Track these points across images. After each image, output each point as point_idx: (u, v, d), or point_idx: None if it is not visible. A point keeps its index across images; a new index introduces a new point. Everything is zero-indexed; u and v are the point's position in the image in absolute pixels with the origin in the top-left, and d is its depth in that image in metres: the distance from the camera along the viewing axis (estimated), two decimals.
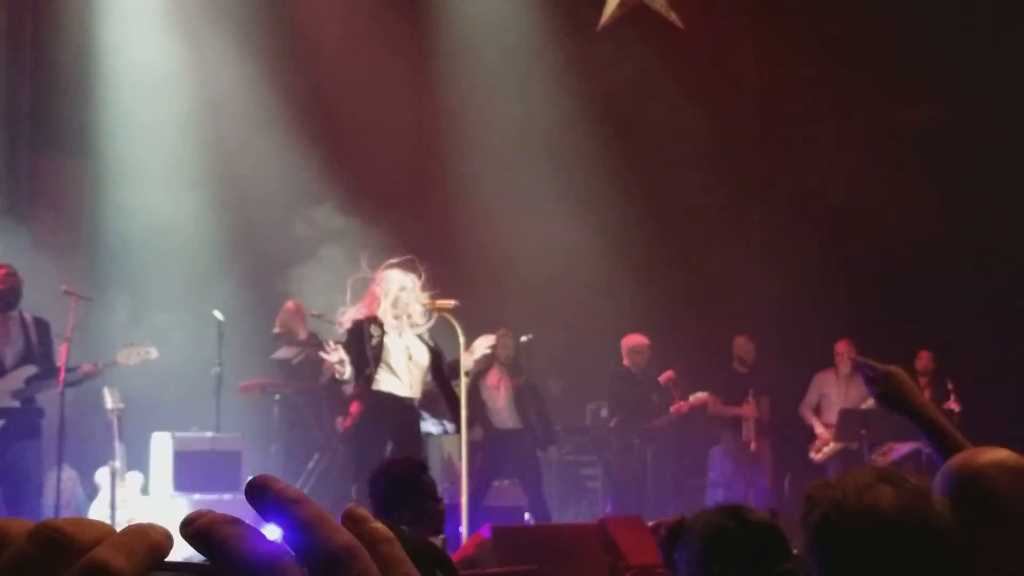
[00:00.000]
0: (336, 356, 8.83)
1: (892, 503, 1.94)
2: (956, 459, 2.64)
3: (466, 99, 14.02)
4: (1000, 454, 2.60)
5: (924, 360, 12.71)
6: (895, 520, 1.93)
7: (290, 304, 12.00)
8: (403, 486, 5.34)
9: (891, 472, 2.06)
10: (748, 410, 12.84)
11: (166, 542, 0.69)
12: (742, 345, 13.14)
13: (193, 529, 0.70)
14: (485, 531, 7.92)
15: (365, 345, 8.93)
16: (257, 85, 12.97)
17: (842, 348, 12.85)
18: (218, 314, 11.27)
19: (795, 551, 2.93)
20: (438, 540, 8.80)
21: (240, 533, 0.69)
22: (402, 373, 9.04)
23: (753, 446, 12.81)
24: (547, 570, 6.97)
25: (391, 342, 9.01)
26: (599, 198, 13.83)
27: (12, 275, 9.38)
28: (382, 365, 8.99)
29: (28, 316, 9.47)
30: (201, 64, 12.90)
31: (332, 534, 0.70)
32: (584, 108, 13.89)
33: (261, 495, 0.71)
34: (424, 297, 9.09)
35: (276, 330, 11.93)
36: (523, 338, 11.42)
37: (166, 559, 0.69)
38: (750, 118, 14.77)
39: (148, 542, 0.67)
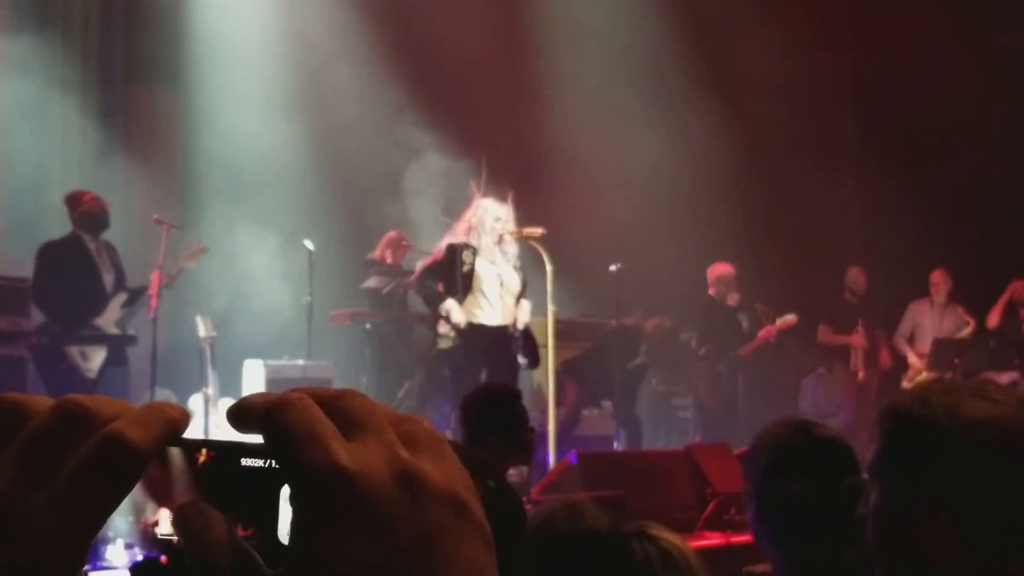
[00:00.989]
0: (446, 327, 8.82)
1: (987, 416, 1.78)
2: None
3: (554, 21, 13.87)
4: None
5: (1020, 289, 12.46)
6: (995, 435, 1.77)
7: (393, 234, 12.02)
8: (496, 413, 5.30)
9: (981, 384, 1.88)
10: (857, 339, 12.66)
11: (183, 418, 0.69)
12: (855, 276, 12.96)
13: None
14: (572, 457, 7.90)
15: (457, 271, 8.92)
16: (346, 12, 12.93)
17: (937, 278, 12.63)
18: (309, 243, 11.31)
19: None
20: (524, 470, 8.87)
21: None
22: (494, 300, 9.05)
23: (861, 375, 12.64)
24: (633, 496, 6.94)
25: (483, 269, 9.00)
26: (691, 126, 13.64)
27: (98, 199, 9.52)
28: (475, 293, 8.93)
29: (103, 241, 9.62)
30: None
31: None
32: (676, 32, 13.67)
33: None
34: (512, 225, 9.03)
35: (372, 255, 11.94)
36: (612, 267, 11.34)
37: (183, 435, 0.69)
38: (845, 49, 14.44)
39: (165, 417, 0.68)
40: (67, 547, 0.65)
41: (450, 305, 8.95)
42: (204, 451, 0.71)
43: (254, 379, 10.87)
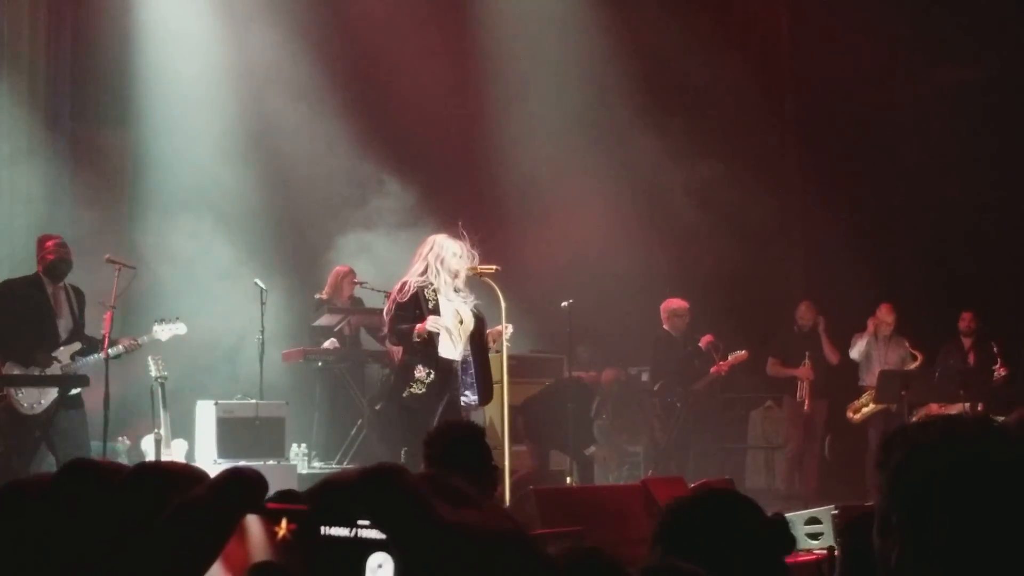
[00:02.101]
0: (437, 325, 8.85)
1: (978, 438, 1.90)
2: None
3: (508, 65, 13.95)
4: None
5: (967, 321, 12.63)
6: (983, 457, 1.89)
7: (342, 268, 12.03)
8: (461, 450, 5.28)
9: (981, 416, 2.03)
10: (804, 372, 12.78)
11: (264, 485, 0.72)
12: (804, 311, 13.06)
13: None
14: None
15: (423, 308, 8.89)
16: (296, 54, 12.97)
17: (883, 313, 12.76)
18: (260, 282, 11.30)
19: None
20: None
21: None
22: (454, 337, 9.02)
23: (807, 407, 12.72)
24: (590, 531, 6.92)
25: (443, 306, 8.99)
26: (640, 164, 13.77)
27: (63, 245, 9.44)
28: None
29: (69, 286, 9.53)
30: (237, 34, 12.88)
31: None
32: (624, 73, 13.78)
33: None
34: (467, 262, 9.07)
35: (323, 295, 11.94)
36: (564, 303, 11.30)
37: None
38: (787, 81, 14.60)
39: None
40: None
41: (432, 321, 8.90)
42: (284, 521, 0.71)
43: (206, 419, 10.82)
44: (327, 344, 11.67)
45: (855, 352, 12.85)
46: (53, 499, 0.69)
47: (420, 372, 8.99)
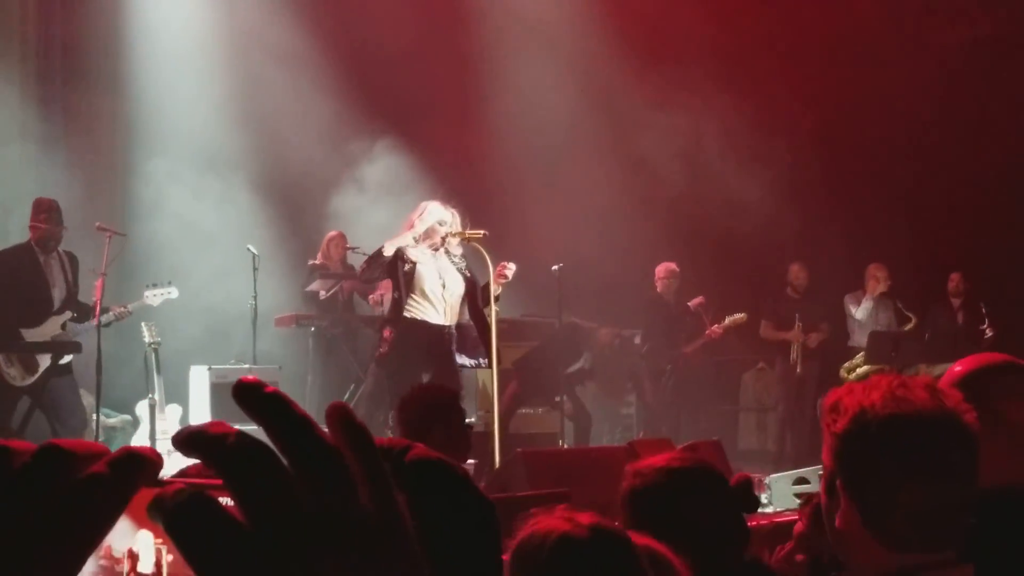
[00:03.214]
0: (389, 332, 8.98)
1: (926, 405, 2.00)
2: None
3: (500, 22, 13.96)
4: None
5: (955, 282, 12.70)
6: (930, 422, 1.98)
7: (333, 233, 12.10)
8: (434, 414, 5.36)
9: (911, 378, 2.12)
10: (796, 335, 12.87)
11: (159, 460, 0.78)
12: (796, 273, 13.12)
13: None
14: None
15: (398, 271, 8.99)
16: (288, 16, 12.94)
17: (874, 269, 12.82)
18: (252, 248, 11.36)
19: None
20: (468, 465, 8.91)
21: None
22: (436, 300, 9.09)
23: (799, 370, 12.81)
24: (578, 493, 6.99)
25: (425, 270, 9.06)
26: (631, 127, 13.76)
27: (51, 217, 9.45)
28: (416, 292, 9.05)
29: (62, 252, 9.58)
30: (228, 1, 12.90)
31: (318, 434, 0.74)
32: (617, 33, 13.78)
33: (247, 397, 0.77)
34: (457, 227, 9.15)
35: (316, 260, 12.02)
36: (554, 267, 11.38)
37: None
38: (781, 45, 14.58)
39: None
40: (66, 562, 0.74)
41: (389, 244, 9.01)
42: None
43: (200, 384, 10.93)
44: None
45: (861, 312, 12.90)
46: None
47: (387, 332, 9.16)
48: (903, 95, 13.47)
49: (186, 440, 0.74)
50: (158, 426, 10.15)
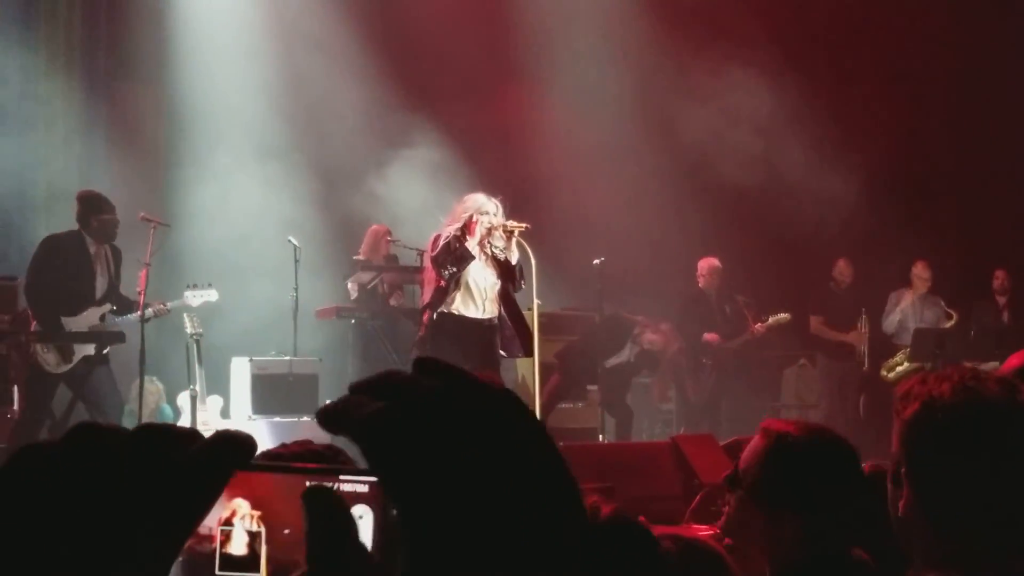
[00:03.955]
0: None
1: (997, 397, 2.00)
2: None
3: (547, 18, 13.96)
4: None
5: (1000, 279, 12.66)
6: (999, 414, 1.99)
7: (379, 227, 12.07)
8: None
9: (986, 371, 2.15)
10: (856, 337, 12.95)
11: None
12: (842, 268, 13.12)
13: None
14: None
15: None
16: (332, 7, 12.96)
17: (919, 269, 12.79)
18: (293, 240, 11.43)
19: None
20: None
21: None
22: (477, 294, 9.10)
23: (866, 367, 12.78)
24: (620, 488, 7.02)
25: (472, 264, 9.08)
26: (678, 120, 13.68)
27: (115, 217, 9.55)
28: (457, 284, 9.06)
29: (108, 244, 9.67)
30: None
31: None
32: (664, 24, 13.78)
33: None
34: (501, 218, 9.15)
35: (360, 255, 12.03)
36: (596, 261, 11.41)
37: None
38: (823, 40, 14.51)
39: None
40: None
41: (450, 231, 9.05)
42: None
43: (241, 376, 11.00)
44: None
45: (897, 313, 12.90)
46: (61, 461, 0.79)
47: (425, 316, 9.21)
48: (952, 94, 13.41)
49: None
50: (199, 417, 10.19)
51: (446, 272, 8.96)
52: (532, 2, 13.99)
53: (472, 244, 9.04)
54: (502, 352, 9.33)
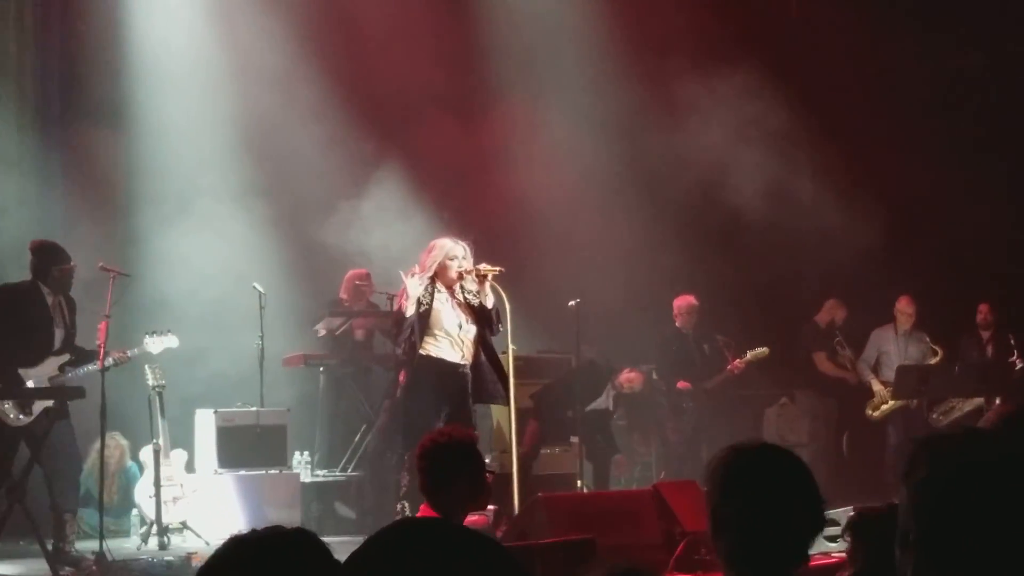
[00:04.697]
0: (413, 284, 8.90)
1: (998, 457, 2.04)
2: None
3: (514, 48, 13.86)
4: None
5: (983, 313, 12.65)
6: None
7: (359, 272, 11.97)
8: (459, 463, 5.25)
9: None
10: (853, 375, 12.93)
11: None
12: (832, 307, 13.18)
13: None
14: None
15: (415, 310, 8.91)
16: (294, 46, 12.81)
17: (903, 305, 12.73)
18: (258, 286, 11.30)
19: None
20: (490, 512, 8.83)
21: None
22: (453, 340, 9.06)
23: (875, 414, 12.69)
24: (601, 538, 6.93)
25: (441, 309, 9.02)
26: (646, 155, 13.66)
27: (73, 267, 9.46)
28: (431, 332, 9.00)
29: (62, 295, 9.53)
30: (227, 29, 12.73)
31: None
32: (628, 55, 13.69)
33: None
34: (470, 264, 9.08)
35: (342, 295, 11.94)
36: (571, 303, 11.26)
37: None
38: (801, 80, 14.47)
39: None
40: None
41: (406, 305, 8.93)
42: None
43: (206, 428, 10.85)
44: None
45: (874, 351, 12.84)
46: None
47: (401, 376, 9.13)
48: (935, 126, 13.42)
49: None
50: (163, 472, 10.07)
51: (397, 339, 9.06)
52: (501, 33, 13.84)
53: (441, 295, 8.98)
54: (477, 402, 9.25)
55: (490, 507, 8.77)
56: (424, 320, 8.97)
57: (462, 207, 12.66)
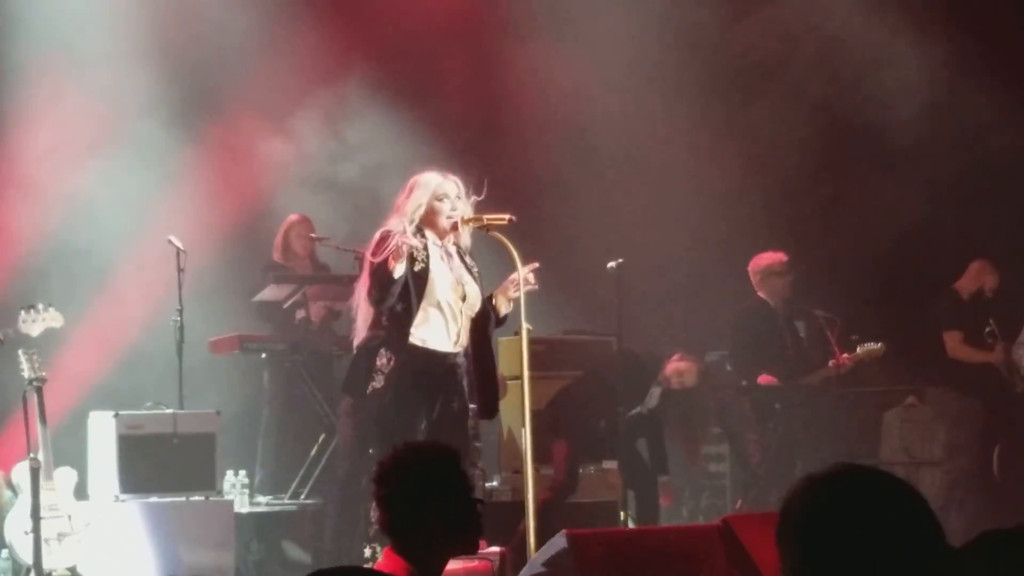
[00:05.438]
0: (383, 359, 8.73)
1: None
2: None
3: None
4: None
5: None
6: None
7: (293, 217, 12.11)
8: (428, 488, 4.98)
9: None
10: (997, 355, 12.64)
11: None
12: (980, 272, 12.96)
13: None
14: (560, 540, 7.70)
15: (406, 272, 8.54)
16: None
17: None
18: (175, 240, 11.14)
19: None
20: (493, 556, 8.69)
21: None
22: (449, 317, 8.78)
23: None
24: None
25: (437, 272, 8.69)
26: (729, 86, 14.12)
27: None
28: (424, 305, 8.68)
29: None
30: None
31: None
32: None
33: None
34: (470, 211, 8.72)
35: (275, 256, 12.09)
36: (610, 264, 11.33)
37: None
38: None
39: None
40: None
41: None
42: None
43: (103, 438, 10.66)
44: None
45: None
46: None
47: (381, 359, 8.75)
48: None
49: None
50: (44, 499, 9.79)
51: (382, 306, 8.68)
52: None
53: (433, 251, 8.69)
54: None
55: (493, 549, 8.82)
56: (421, 284, 8.63)
57: (463, 137, 12.75)
